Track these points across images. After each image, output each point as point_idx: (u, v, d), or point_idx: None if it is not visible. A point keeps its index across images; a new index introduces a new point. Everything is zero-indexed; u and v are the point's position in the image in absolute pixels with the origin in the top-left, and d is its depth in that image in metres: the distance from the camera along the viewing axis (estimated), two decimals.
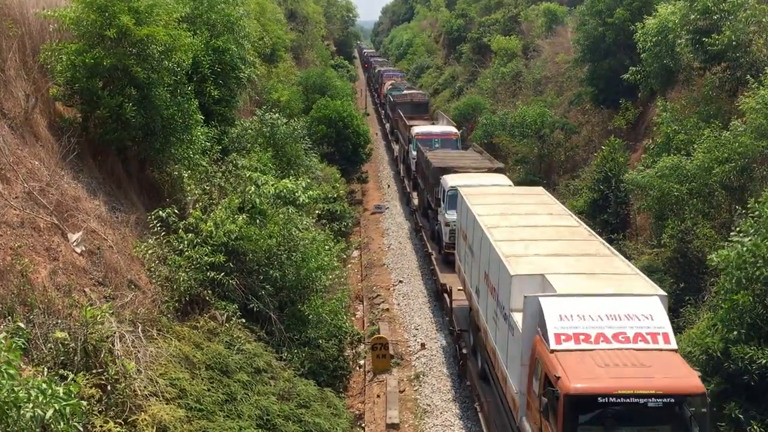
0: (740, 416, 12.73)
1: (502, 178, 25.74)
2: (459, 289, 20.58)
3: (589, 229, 17.07)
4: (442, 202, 25.61)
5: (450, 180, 25.39)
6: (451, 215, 23.72)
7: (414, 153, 35.20)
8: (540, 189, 21.66)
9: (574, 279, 13.38)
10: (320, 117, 36.52)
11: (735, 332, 13.37)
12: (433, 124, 43.14)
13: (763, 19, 21.63)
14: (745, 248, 13.58)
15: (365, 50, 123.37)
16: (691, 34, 22.82)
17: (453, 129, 38.13)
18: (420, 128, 37.88)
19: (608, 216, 24.64)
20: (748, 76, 20.13)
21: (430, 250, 27.45)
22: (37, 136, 13.81)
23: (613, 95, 31.07)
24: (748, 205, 14.55)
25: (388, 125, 58.13)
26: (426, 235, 29.63)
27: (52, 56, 14.50)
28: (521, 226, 16.84)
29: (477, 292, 17.53)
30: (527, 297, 12.46)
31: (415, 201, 34.85)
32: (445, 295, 22.63)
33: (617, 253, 15.17)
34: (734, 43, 21.27)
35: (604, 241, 15.99)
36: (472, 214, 18.08)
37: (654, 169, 19.82)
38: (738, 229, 14.27)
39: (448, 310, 22.06)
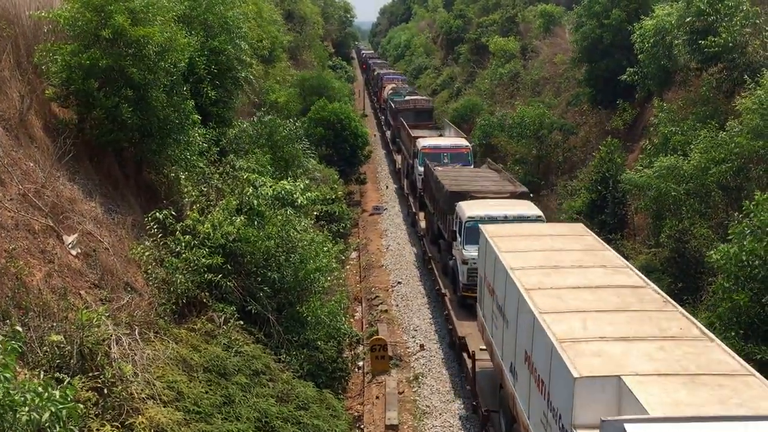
0: None
1: (529, 206, 21.84)
2: (482, 349, 17.22)
3: (659, 289, 13.01)
4: (458, 235, 21.53)
5: (468, 209, 21.49)
6: (470, 252, 20.10)
7: (420, 169, 31.79)
8: (580, 227, 17.51)
9: (666, 384, 9.40)
10: (318, 119, 36.47)
11: (733, 332, 13.36)
12: (440, 134, 40.02)
13: (758, 21, 21.66)
14: (743, 249, 13.58)
15: (363, 51, 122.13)
16: (688, 35, 22.85)
17: (464, 142, 34.29)
18: (427, 141, 34.18)
19: (606, 216, 24.65)
20: (745, 77, 20.15)
21: (442, 289, 22.99)
22: (33, 138, 13.76)
23: (611, 96, 31.09)
24: (743, 207, 14.54)
25: (388, 133, 53.97)
26: (437, 268, 25.16)
27: (46, 57, 14.44)
28: (571, 287, 12.91)
29: (513, 371, 13.68)
30: (606, 422, 8.49)
31: (422, 223, 30.41)
32: (464, 355, 18.86)
33: (709, 333, 11.20)
34: (731, 44, 21.29)
35: (685, 312, 12.00)
36: (502, 265, 14.45)
37: (651, 169, 19.84)
38: (732, 230, 14.25)
39: (469, 376, 18.05)
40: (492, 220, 19.79)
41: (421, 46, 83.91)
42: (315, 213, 23.20)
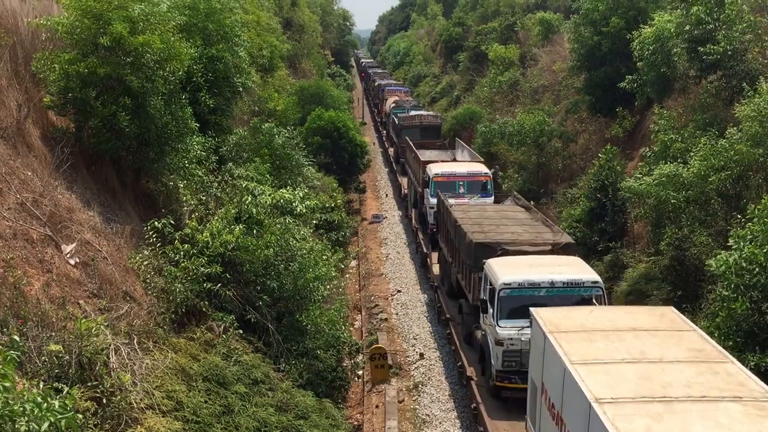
0: None
1: (580, 266, 17.20)
2: None
3: None
4: (489, 306, 16.65)
5: (501, 271, 16.64)
6: (507, 329, 16.00)
7: (432, 201, 27.69)
8: (671, 313, 12.99)
9: None
10: (315, 128, 36.45)
11: (732, 341, 13.31)
12: (453, 158, 35.44)
13: (759, 30, 21.72)
14: (742, 256, 13.55)
15: (363, 60, 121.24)
16: (687, 43, 22.89)
17: (482, 168, 29.54)
18: (440, 168, 29.64)
19: (606, 224, 24.62)
20: (744, 84, 20.17)
21: (467, 370, 18.11)
22: (30, 147, 13.74)
23: (610, 104, 31.12)
24: (748, 212, 14.52)
25: (391, 150, 49.24)
26: (457, 335, 20.09)
27: (44, 65, 14.43)
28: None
29: None
30: None
31: (436, 268, 25.45)
32: None
33: None
34: (729, 52, 21.33)
35: None
36: (577, 387, 10.01)
37: (651, 177, 19.82)
38: (733, 236, 14.22)
39: None
40: (534, 287, 16.10)
41: (420, 54, 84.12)
42: (314, 221, 23.15)
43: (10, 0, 15.32)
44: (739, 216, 15.63)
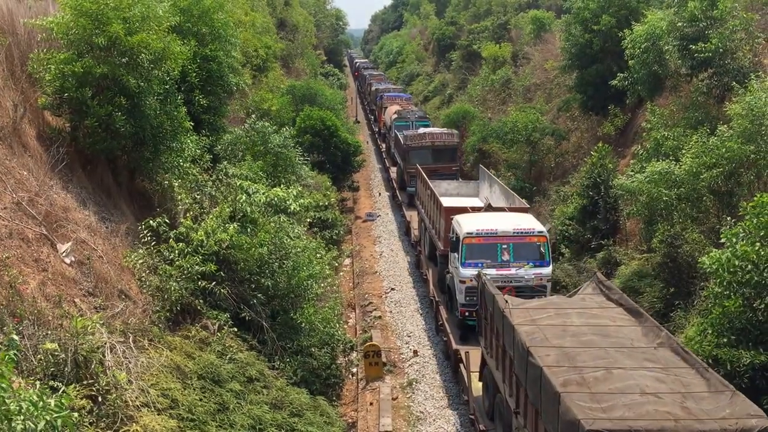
0: None
1: None
2: None
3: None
4: None
5: None
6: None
7: (464, 272, 19.47)
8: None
9: None
10: (306, 127, 36.47)
11: (725, 338, 13.43)
12: (478, 193, 29.11)
13: (751, 27, 21.87)
14: (735, 253, 13.67)
15: (357, 60, 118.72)
16: (679, 41, 23.02)
17: (533, 222, 20.66)
18: (472, 223, 20.27)
19: (598, 222, 24.75)
20: (734, 83, 20.32)
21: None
22: (26, 147, 13.76)
23: (602, 102, 31.25)
24: (740, 210, 14.65)
25: (394, 170, 41.73)
26: None
27: (40, 66, 14.45)
28: None
29: None
30: None
31: (481, 396, 17.06)
32: None
33: None
34: (721, 50, 21.48)
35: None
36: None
37: (643, 174, 19.94)
38: (724, 234, 14.35)
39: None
40: None
41: (412, 53, 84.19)
42: (308, 220, 23.23)
43: (7, 1, 15.33)
44: (728, 218, 15.76)
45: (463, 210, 22.53)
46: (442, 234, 22.86)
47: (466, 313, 19.75)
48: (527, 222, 20.57)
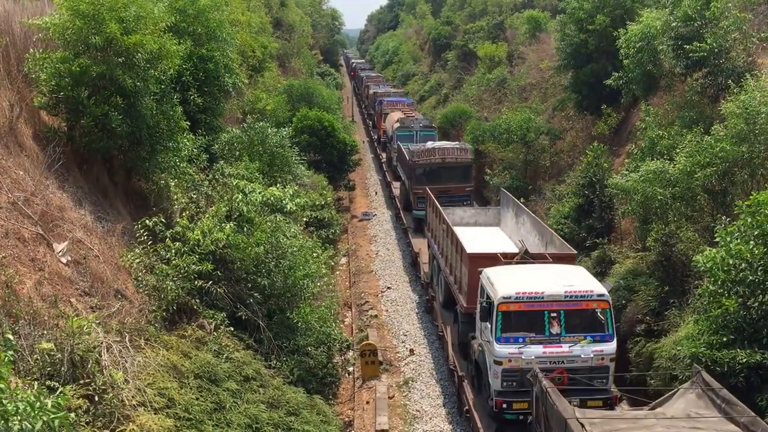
0: None
1: None
2: None
3: None
4: None
5: None
6: None
7: (500, 349, 15.23)
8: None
9: None
10: (302, 127, 36.48)
11: (724, 338, 13.50)
12: (499, 221, 25.09)
13: (745, 27, 21.95)
14: (729, 252, 13.74)
15: (353, 61, 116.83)
16: (673, 41, 23.10)
17: (588, 280, 16.15)
18: (509, 283, 15.68)
19: (593, 221, 24.82)
20: (729, 82, 20.40)
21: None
22: (22, 146, 13.77)
23: (596, 101, 31.30)
24: (735, 209, 14.72)
25: (396, 186, 38.58)
26: None
27: (36, 65, 14.45)
28: None
29: None
30: None
31: None
32: None
33: None
34: (716, 49, 21.56)
35: None
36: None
37: (638, 173, 20.02)
38: (719, 233, 14.42)
39: None
40: None
41: (408, 52, 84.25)
42: (304, 219, 23.25)
43: (3, 1, 15.33)
44: (723, 216, 15.84)
45: (492, 259, 17.66)
46: (465, 286, 18.42)
47: (504, 405, 15.23)
48: (582, 280, 15.95)
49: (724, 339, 13.51)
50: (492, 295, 15.61)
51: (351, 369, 21.84)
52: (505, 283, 15.72)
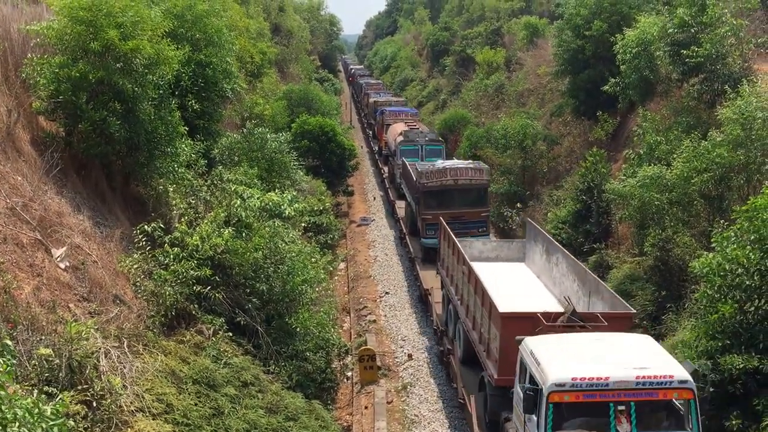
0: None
1: None
2: None
3: None
4: None
5: None
6: None
7: None
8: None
9: None
10: (302, 132, 36.55)
11: (721, 343, 13.51)
12: (524, 257, 21.56)
13: (741, 33, 22.06)
14: (726, 257, 13.77)
15: (351, 67, 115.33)
16: (670, 47, 23.21)
17: (663, 356, 12.24)
18: (561, 355, 12.31)
19: (591, 226, 24.89)
20: (726, 87, 20.49)
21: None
22: (20, 151, 13.78)
23: (594, 107, 31.44)
24: (732, 214, 14.77)
25: (401, 205, 33.80)
26: None
27: (34, 70, 14.48)
28: None
29: None
30: None
31: None
32: None
33: None
34: (713, 55, 21.66)
35: None
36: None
37: (635, 179, 20.09)
38: (715, 238, 14.46)
39: None
40: None
41: (406, 58, 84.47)
42: (303, 224, 23.27)
43: (2, 6, 15.37)
44: (722, 221, 15.89)
45: (531, 320, 13.96)
46: (495, 352, 14.85)
47: None
48: (657, 360, 12.09)
49: (720, 344, 13.54)
50: (539, 379, 11.90)
51: (349, 374, 21.83)
52: (557, 363, 12.00)
